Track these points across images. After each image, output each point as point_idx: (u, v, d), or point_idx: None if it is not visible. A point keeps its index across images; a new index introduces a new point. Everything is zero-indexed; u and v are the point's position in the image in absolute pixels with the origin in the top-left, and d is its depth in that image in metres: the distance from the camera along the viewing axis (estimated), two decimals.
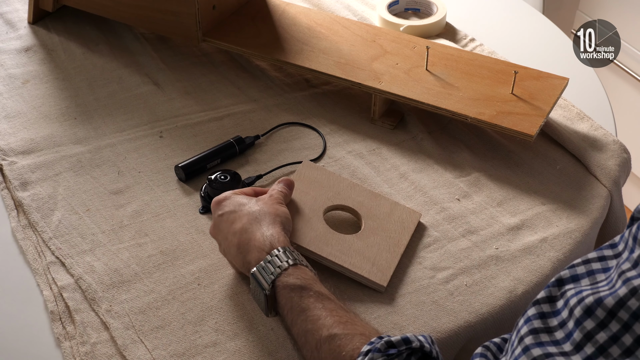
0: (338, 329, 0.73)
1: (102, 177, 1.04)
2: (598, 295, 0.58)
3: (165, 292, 0.88)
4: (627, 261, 0.58)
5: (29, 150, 1.08)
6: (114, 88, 1.21)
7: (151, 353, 0.81)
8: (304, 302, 0.76)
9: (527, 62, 1.16)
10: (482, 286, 0.89)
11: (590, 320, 0.58)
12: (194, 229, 0.96)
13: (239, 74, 1.25)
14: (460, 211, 0.99)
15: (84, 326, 0.84)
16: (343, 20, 1.27)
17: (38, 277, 0.90)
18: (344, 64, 1.16)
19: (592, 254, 0.64)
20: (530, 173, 1.05)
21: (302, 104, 1.18)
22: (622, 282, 0.57)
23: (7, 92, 1.20)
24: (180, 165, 1.03)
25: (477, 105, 1.07)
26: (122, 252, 0.93)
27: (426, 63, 1.15)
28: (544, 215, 0.99)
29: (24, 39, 1.32)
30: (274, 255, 0.80)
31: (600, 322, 0.57)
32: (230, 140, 1.07)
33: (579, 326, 0.58)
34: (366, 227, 0.94)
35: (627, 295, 0.56)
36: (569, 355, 0.58)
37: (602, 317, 0.57)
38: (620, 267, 0.58)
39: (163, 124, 1.14)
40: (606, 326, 0.57)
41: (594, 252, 0.64)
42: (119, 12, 1.25)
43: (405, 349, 0.69)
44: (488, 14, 1.46)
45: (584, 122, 1.13)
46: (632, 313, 0.55)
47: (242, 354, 0.81)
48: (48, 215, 0.97)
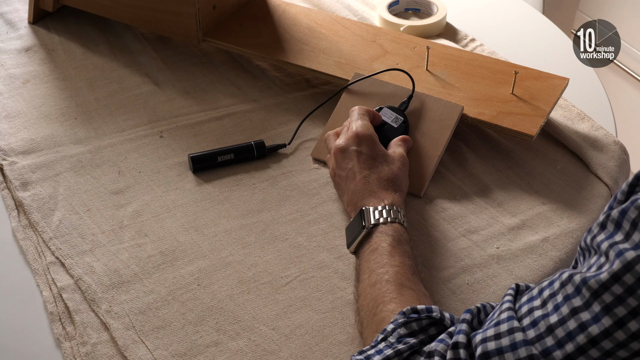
0: (395, 279, 0.79)
1: (102, 177, 1.04)
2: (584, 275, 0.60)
3: (165, 292, 0.88)
4: (627, 242, 0.59)
5: (29, 150, 1.08)
6: (114, 88, 1.21)
7: (152, 353, 0.81)
8: (388, 250, 0.83)
9: (527, 62, 1.16)
10: (483, 285, 0.89)
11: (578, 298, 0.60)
12: (193, 230, 0.96)
13: (239, 74, 1.25)
14: (460, 211, 0.99)
15: (84, 327, 0.84)
16: (343, 20, 1.27)
17: (38, 277, 0.90)
18: (344, 64, 1.16)
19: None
20: (531, 173, 1.05)
21: (302, 104, 1.18)
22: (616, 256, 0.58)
23: (7, 92, 1.20)
24: (192, 156, 1.04)
25: (477, 106, 1.07)
26: (122, 252, 0.93)
27: (426, 63, 1.15)
28: (544, 215, 0.99)
29: (24, 39, 1.32)
30: (387, 208, 0.88)
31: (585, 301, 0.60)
32: (250, 143, 1.07)
33: (567, 301, 0.61)
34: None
35: (621, 269, 0.58)
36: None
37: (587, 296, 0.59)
38: (617, 245, 0.59)
39: (163, 124, 1.14)
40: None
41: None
42: (119, 12, 1.25)
43: (426, 317, 0.72)
44: (488, 14, 1.46)
45: (584, 123, 1.13)
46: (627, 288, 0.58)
47: (244, 353, 0.81)
48: (48, 215, 0.97)
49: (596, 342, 0.59)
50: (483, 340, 0.65)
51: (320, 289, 0.89)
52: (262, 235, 0.96)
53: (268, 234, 0.96)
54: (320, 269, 0.91)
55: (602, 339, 0.58)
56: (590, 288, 0.59)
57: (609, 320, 0.58)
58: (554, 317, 0.61)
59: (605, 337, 0.58)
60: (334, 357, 0.81)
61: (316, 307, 0.87)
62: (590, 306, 0.59)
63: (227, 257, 0.92)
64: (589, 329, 0.59)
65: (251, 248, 0.94)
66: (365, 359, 0.71)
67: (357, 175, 0.93)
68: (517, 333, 0.63)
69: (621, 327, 0.57)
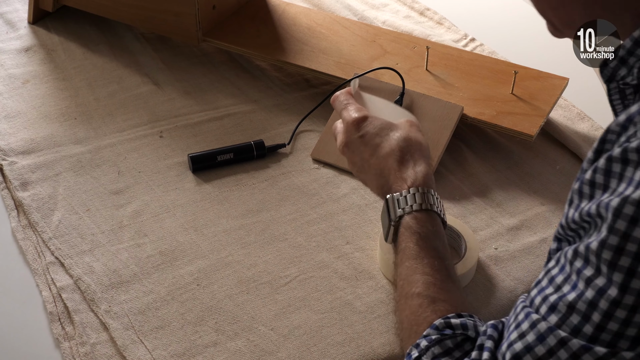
0: (427, 291, 0.74)
1: (102, 177, 1.04)
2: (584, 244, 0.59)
3: (164, 292, 0.88)
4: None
5: (29, 150, 1.08)
6: (114, 88, 1.21)
7: (151, 353, 0.81)
8: (415, 251, 0.77)
9: (527, 62, 1.16)
10: (481, 287, 0.89)
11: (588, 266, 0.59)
12: (193, 230, 0.96)
13: (239, 74, 1.25)
14: (459, 211, 0.99)
15: (83, 327, 0.84)
16: (343, 20, 1.27)
17: (37, 277, 0.90)
18: (344, 64, 1.16)
19: None
20: (530, 173, 1.05)
21: (302, 104, 1.18)
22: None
23: (7, 92, 1.20)
24: (191, 156, 1.04)
25: (477, 105, 1.07)
26: (122, 252, 0.93)
27: (426, 63, 1.15)
28: (543, 215, 0.99)
29: (24, 39, 1.32)
30: (412, 192, 0.81)
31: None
32: (250, 143, 1.07)
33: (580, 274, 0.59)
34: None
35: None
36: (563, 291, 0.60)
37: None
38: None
39: (163, 124, 1.14)
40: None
41: None
42: (119, 12, 1.25)
43: (461, 334, 0.68)
44: (488, 14, 1.46)
45: (584, 122, 1.13)
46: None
47: (243, 353, 0.82)
48: (48, 215, 0.97)
49: (618, 301, 0.56)
50: (509, 345, 0.61)
51: (320, 289, 0.89)
52: (262, 235, 0.96)
53: (267, 234, 0.96)
54: (320, 269, 0.91)
55: (622, 296, 0.56)
56: (593, 252, 0.57)
57: (620, 275, 0.56)
58: (572, 294, 0.59)
59: (624, 293, 0.56)
60: (331, 358, 0.81)
61: (315, 307, 0.87)
62: (600, 270, 0.57)
63: (227, 257, 0.92)
64: (607, 291, 0.56)
65: (250, 248, 0.94)
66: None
67: (370, 159, 0.86)
68: (540, 324, 0.60)
69: (634, 276, 0.55)
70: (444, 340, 0.68)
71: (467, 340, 0.68)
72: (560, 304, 0.59)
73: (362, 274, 0.90)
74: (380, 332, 0.84)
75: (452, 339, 0.68)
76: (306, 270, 0.91)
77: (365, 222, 0.97)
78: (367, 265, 0.92)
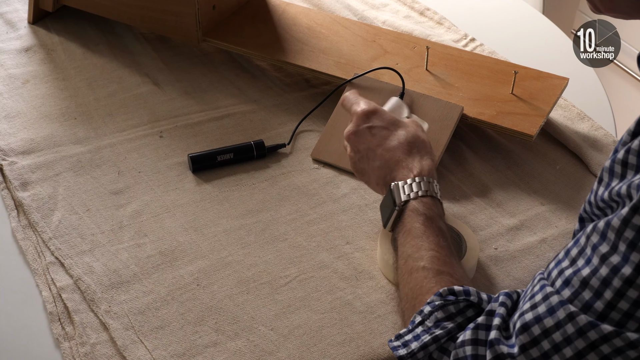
0: (432, 264, 0.77)
1: (102, 177, 1.04)
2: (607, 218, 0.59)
3: (164, 292, 0.88)
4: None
5: (29, 150, 1.08)
6: (114, 88, 1.21)
7: (151, 353, 0.81)
8: (421, 230, 0.80)
9: (527, 62, 1.16)
10: (482, 287, 0.89)
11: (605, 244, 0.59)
12: (193, 230, 0.96)
13: (239, 74, 1.25)
14: (459, 211, 0.99)
15: (83, 327, 0.84)
16: (343, 20, 1.27)
17: (37, 277, 0.90)
18: (344, 64, 1.16)
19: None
20: (530, 173, 1.05)
21: (301, 104, 1.18)
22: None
23: (7, 92, 1.20)
24: (191, 156, 1.04)
25: (477, 105, 1.07)
26: (122, 252, 0.93)
27: (426, 63, 1.15)
28: (543, 215, 0.99)
29: (24, 39, 1.32)
30: (417, 181, 0.84)
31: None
32: (249, 143, 1.07)
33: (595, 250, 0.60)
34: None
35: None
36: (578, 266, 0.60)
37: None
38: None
39: (163, 124, 1.14)
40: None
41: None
42: (119, 12, 1.25)
43: (464, 300, 0.70)
44: (488, 14, 1.46)
45: (584, 122, 1.13)
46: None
47: (243, 354, 0.82)
48: (48, 215, 0.97)
49: (631, 281, 0.57)
50: (521, 314, 0.63)
51: (320, 289, 0.89)
52: (262, 235, 0.96)
53: (267, 234, 0.96)
54: (320, 269, 0.91)
55: (636, 277, 0.56)
56: (613, 228, 0.58)
57: (638, 255, 0.56)
58: (586, 270, 0.59)
59: (638, 274, 0.56)
60: (331, 358, 0.81)
61: (315, 307, 0.87)
62: (617, 248, 0.57)
63: (227, 257, 0.92)
64: (622, 270, 0.57)
65: (250, 248, 0.94)
66: (402, 345, 0.70)
67: (377, 149, 0.88)
68: (553, 297, 0.61)
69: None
70: (446, 305, 0.70)
71: (470, 307, 0.70)
72: (574, 279, 0.60)
73: (362, 274, 0.90)
74: (380, 332, 0.84)
75: (454, 304, 0.70)
76: (306, 270, 0.91)
77: (365, 222, 0.97)
78: (367, 265, 0.92)
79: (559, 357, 0.60)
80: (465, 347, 0.66)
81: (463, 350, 0.66)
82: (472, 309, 0.70)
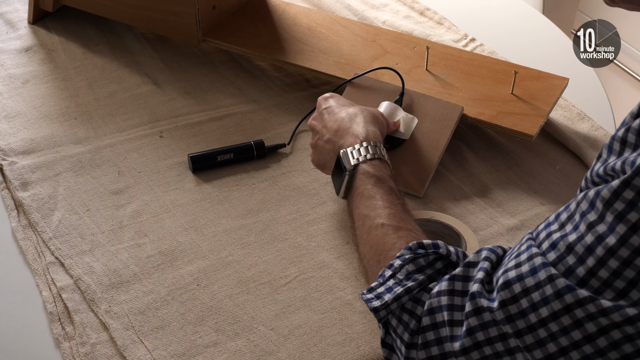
0: (390, 221, 0.80)
1: (102, 177, 1.04)
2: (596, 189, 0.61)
3: (164, 292, 0.88)
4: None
5: (29, 150, 1.08)
6: (114, 88, 1.21)
7: (151, 353, 0.81)
8: (374, 191, 0.84)
9: (527, 62, 1.16)
10: None
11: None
12: (193, 230, 0.96)
13: (239, 74, 1.25)
14: (459, 211, 0.99)
15: (83, 327, 0.84)
16: (343, 20, 1.27)
17: (37, 277, 0.90)
18: (344, 64, 1.16)
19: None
20: (530, 173, 1.05)
21: (302, 104, 1.18)
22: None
23: (7, 92, 1.20)
24: (191, 156, 1.05)
25: (477, 105, 1.07)
26: (122, 252, 0.93)
27: (426, 63, 1.15)
28: (543, 215, 0.99)
29: (24, 39, 1.32)
30: (364, 145, 0.88)
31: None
32: (250, 143, 1.07)
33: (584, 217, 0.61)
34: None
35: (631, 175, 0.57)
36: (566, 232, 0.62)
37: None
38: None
39: (163, 124, 1.14)
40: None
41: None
42: (119, 12, 1.25)
43: (433, 252, 0.72)
44: (488, 14, 1.46)
45: (584, 123, 1.13)
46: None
47: (243, 353, 0.82)
48: (48, 215, 0.97)
49: (613, 251, 0.58)
50: (504, 271, 0.64)
51: (320, 289, 0.89)
52: (262, 235, 0.96)
53: (267, 234, 0.96)
54: (320, 269, 0.91)
55: (619, 248, 0.58)
56: (602, 199, 0.59)
57: (623, 227, 0.57)
58: (573, 235, 0.61)
59: (621, 245, 0.58)
60: (331, 358, 0.81)
61: (315, 307, 0.87)
62: (604, 218, 0.59)
63: (227, 257, 0.93)
64: (606, 239, 0.58)
65: (251, 248, 0.94)
66: (375, 297, 0.72)
67: (329, 123, 0.94)
68: (537, 258, 0.63)
69: (636, 232, 0.57)
70: (417, 258, 0.72)
71: (439, 259, 0.72)
72: (560, 243, 0.62)
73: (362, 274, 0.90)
74: (380, 332, 0.83)
75: (424, 257, 0.72)
76: (306, 270, 0.91)
77: None
78: None
79: (535, 316, 0.62)
80: (440, 297, 0.68)
81: (438, 300, 0.68)
82: (441, 261, 0.72)
